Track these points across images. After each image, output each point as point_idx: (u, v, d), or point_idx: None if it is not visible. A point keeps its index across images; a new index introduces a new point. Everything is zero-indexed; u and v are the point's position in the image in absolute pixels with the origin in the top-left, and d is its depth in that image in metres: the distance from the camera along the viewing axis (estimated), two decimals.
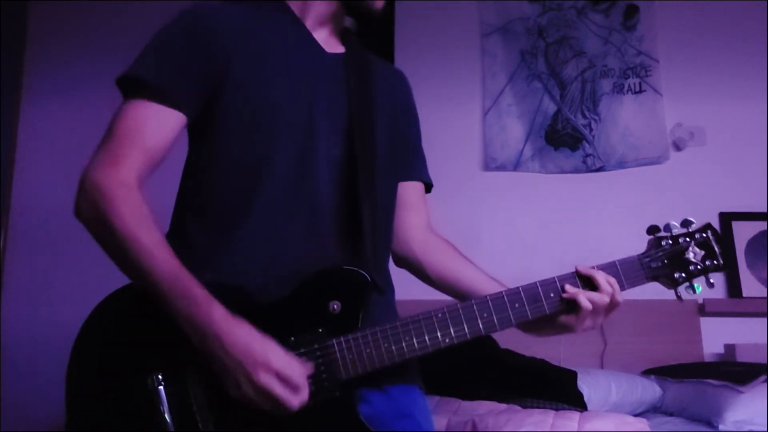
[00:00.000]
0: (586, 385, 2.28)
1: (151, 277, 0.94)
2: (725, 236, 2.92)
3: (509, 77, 3.18)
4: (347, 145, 1.09)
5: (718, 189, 2.95)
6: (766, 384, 2.19)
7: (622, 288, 1.08)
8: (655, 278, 1.11)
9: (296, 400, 0.91)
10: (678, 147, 3.04)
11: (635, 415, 2.10)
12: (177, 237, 1.07)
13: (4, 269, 3.07)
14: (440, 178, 1.34)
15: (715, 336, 2.78)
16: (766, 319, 2.67)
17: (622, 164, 3.05)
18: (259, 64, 1.07)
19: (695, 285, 1.11)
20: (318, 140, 1.07)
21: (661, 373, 2.54)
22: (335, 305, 0.98)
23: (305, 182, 1.06)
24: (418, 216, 1.25)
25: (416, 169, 1.27)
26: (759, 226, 2.90)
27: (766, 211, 2.86)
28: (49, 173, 3.11)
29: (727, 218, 2.92)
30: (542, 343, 2.70)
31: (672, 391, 2.42)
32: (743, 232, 2.91)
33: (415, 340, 0.99)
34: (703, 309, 2.78)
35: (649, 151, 3.04)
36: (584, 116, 3.11)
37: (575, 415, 1.90)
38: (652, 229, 1.15)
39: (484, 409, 2.00)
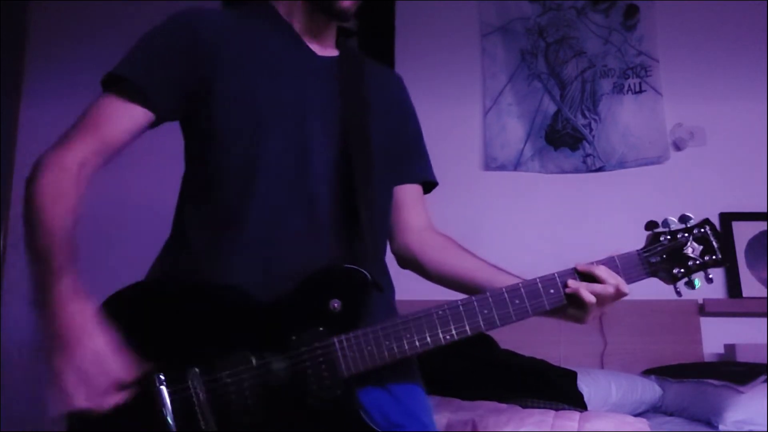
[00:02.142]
0: (586, 385, 2.28)
1: (35, 244, 0.96)
2: (725, 236, 2.92)
3: (509, 77, 3.18)
4: (342, 146, 1.10)
5: (718, 189, 2.95)
6: (766, 384, 2.19)
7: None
8: (654, 273, 1.11)
9: (86, 399, 0.88)
10: (678, 147, 3.04)
11: (635, 415, 2.10)
12: (177, 240, 1.09)
13: (4, 269, 3.07)
14: (440, 178, 1.34)
15: (715, 336, 2.78)
16: (766, 319, 2.67)
17: (622, 164, 3.05)
18: (248, 68, 1.08)
19: (694, 280, 1.12)
20: (312, 141, 1.08)
21: (661, 373, 2.54)
22: (336, 303, 0.98)
23: (301, 182, 1.06)
24: (417, 217, 1.26)
25: (413, 171, 1.28)
26: (759, 226, 2.90)
27: (766, 211, 2.86)
28: None
29: (727, 218, 2.92)
30: (542, 343, 2.72)
31: (672, 391, 2.42)
32: (743, 232, 2.91)
33: (416, 337, 0.99)
34: (703, 309, 2.78)
35: (649, 151, 3.04)
36: (584, 116, 3.11)
37: (575, 415, 1.90)
38: (651, 225, 1.15)
39: (484, 409, 2.00)
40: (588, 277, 1.07)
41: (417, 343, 0.99)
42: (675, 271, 1.11)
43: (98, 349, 0.90)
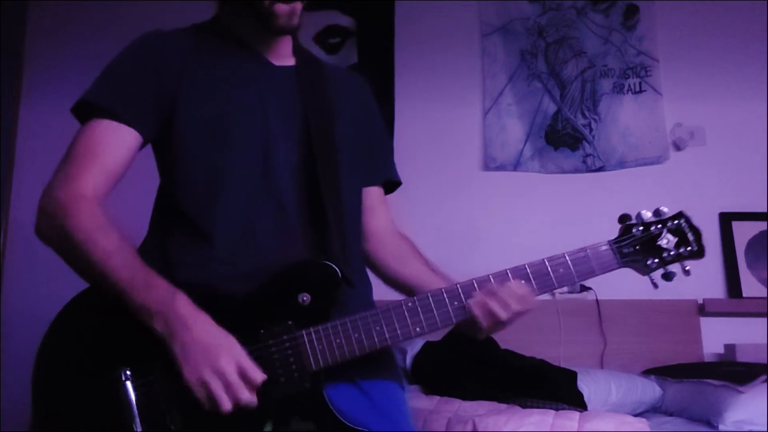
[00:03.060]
0: (586, 385, 2.28)
1: (110, 278, 0.97)
2: (725, 236, 2.92)
3: (509, 77, 3.17)
4: (306, 150, 1.12)
5: (718, 189, 2.95)
6: (766, 384, 2.19)
7: (593, 274, 1.10)
8: (626, 264, 1.11)
9: (247, 394, 0.92)
10: (678, 147, 3.04)
11: (635, 415, 2.10)
12: (152, 245, 1.11)
13: (4, 269, 3.06)
14: (440, 178, 1.35)
15: (715, 336, 2.78)
16: (766, 319, 2.68)
17: (622, 164, 3.05)
18: (209, 83, 1.12)
19: (670, 272, 1.11)
20: (276, 147, 1.11)
21: (661, 373, 2.54)
22: (304, 297, 1.00)
23: (267, 186, 1.09)
24: (375, 221, 1.28)
25: (375, 172, 1.30)
26: (759, 226, 2.90)
27: (766, 211, 2.86)
28: (49, 173, 3.10)
29: (727, 218, 2.92)
30: (542, 343, 2.72)
31: (672, 391, 2.42)
32: (743, 232, 2.91)
33: (385, 329, 1.00)
34: (703, 309, 2.78)
35: (649, 151, 3.04)
36: (584, 116, 3.11)
37: (575, 415, 1.90)
38: (624, 218, 1.15)
39: (484, 409, 2.00)
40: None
41: (386, 335, 1.00)
42: (649, 262, 1.11)
43: (240, 348, 0.94)
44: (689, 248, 1.12)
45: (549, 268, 1.08)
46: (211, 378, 0.91)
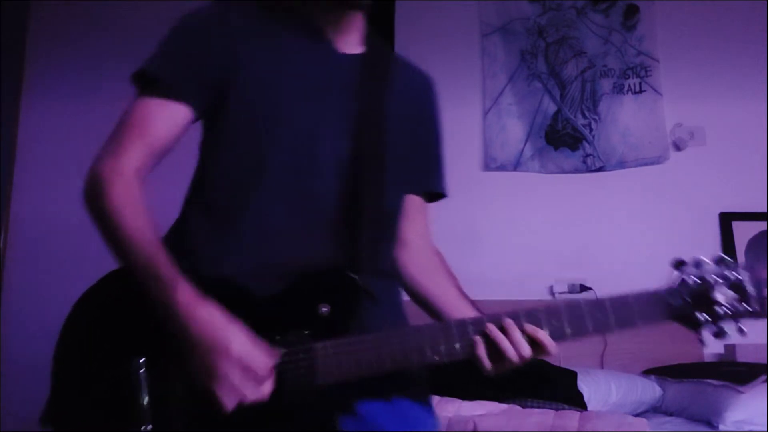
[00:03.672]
0: (586, 385, 2.28)
1: (129, 258, 0.96)
2: (725, 236, 2.92)
3: (509, 77, 3.18)
4: (353, 148, 1.07)
5: (718, 189, 2.95)
6: (766, 384, 2.19)
7: (633, 325, 0.99)
8: (674, 318, 1.00)
9: (254, 391, 0.90)
10: (678, 147, 3.04)
11: (635, 415, 2.10)
12: (179, 231, 1.08)
13: (4, 269, 3.07)
14: None
15: None
16: (766, 319, 2.67)
17: (622, 164, 3.05)
18: (266, 64, 1.07)
19: (724, 329, 1.00)
20: (323, 141, 1.06)
21: (661, 373, 2.54)
22: (325, 308, 0.97)
23: (306, 181, 1.05)
24: (411, 230, 1.22)
25: (421, 180, 1.24)
26: (759, 226, 2.90)
27: (766, 211, 2.87)
28: (49, 173, 3.11)
29: (727, 218, 2.92)
30: None
31: (672, 391, 2.42)
32: (743, 232, 2.91)
33: (399, 353, 0.96)
34: None
35: (649, 151, 3.04)
36: (584, 116, 3.11)
37: (575, 415, 1.90)
38: (678, 264, 1.01)
39: (484, 409, 2.00)
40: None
41: (400, 359, 0.96)
42: (699, 316, 0.99)
43: (243, 343, 0.90)
44: (748, 306, 1.00)
45: (585, 310, 0.98)
46: (215, 385, 0.89)
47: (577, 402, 2.18)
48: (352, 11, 1.12)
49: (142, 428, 0.93)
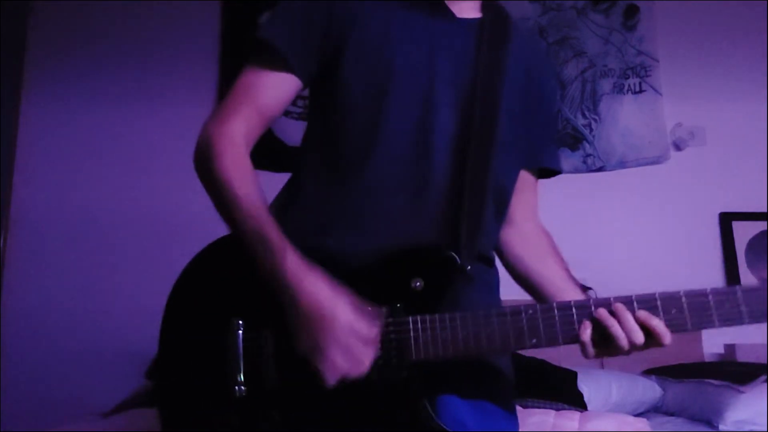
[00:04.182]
0: (586, 385, 2.28)
1: (238, 225, 0.96)
2: (725, 236, 2.92)
3: None
4: (467, 121, 1.04)
5: (718, 189, 2.95)
6: (766, 384, 2.19)
7: (739, 321, 0.89)
8: None
9: (355, 368, 0.88)
10: (678, 147, 3.04)
11: (635, 415, 2.10)
12: (290, 191, 1.09)
13: (5, 269, 3.06)
14: None
15: (715, 336, 2.78)
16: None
17: (622, 164, 3.05)
18: (380, 32, 1.06)
19: None
20: (436, 113, 1.03)
21: (661, 373, 2.54)
22: (418, 283, 0.95)
23: (418, 154, 1.02)
24: (520, 208, 1.17)
25: (535, 156, 1.18)
26: (759, 226, 2.90)
27: (766, 211, 2.87)
28: (49, 173, 3.11)
29: (727, 218, 2.92)
30: None
31: (672, 391, 2.42)
32: (743, 232, 2.91)
33: (497, 335, 0.91)
34: None
35: (649, 151, 3.04)
36: (584, 116, 3.11)
37: (575, 415, 1.90)
38: None
39: None
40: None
41: (497, 342, 0.92)
42: None
43: (349, 317, 0.89)
44: None
45: (711, 299, 0.89)
46: (320, 353, 0.88)
47: (577, 402, 2.18)
48: None
49: (237, 389, 0.94)
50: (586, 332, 0.91)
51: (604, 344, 0.91)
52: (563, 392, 2.20)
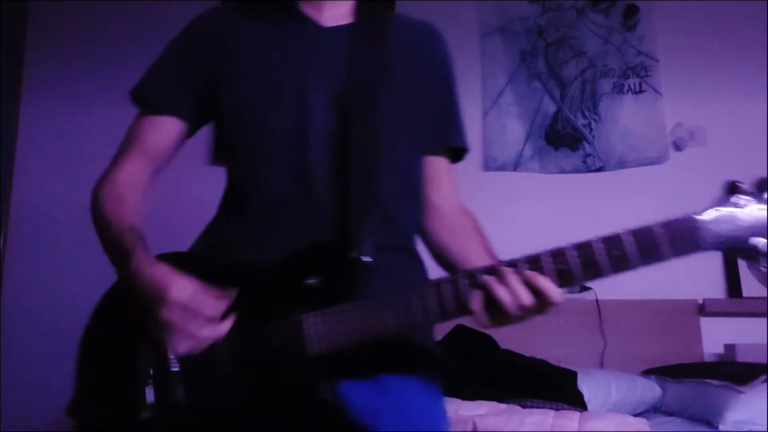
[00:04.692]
0: (586, 385, 2.28)
1: (105, 244, 1.04)
2: None
3: (509, 77, 3.18)
4: (344, 120, 1.07)
5: (718, 189, 2.95)
6: (766, 384, 2.19)
7: (662, 257, 0.89)
8: (721, 248, 0.90)
9: (203, 330, 0.92)
10: (678, 147, 3.04)
11: (635, 415, 2.10)
12: (213, 226, 1.15)
13: (4, 269, 3.07)
14: None
15: (715, 336, 2.78)
16: (766, 319, 2.68)
17: (622, 164, 3.05)
18: (251, 55, 1.12)
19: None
20: (312, 116, 1.07)
21: (661, 373, 2.54)
22: (313, 280, 0.96)
23: (299, 160, 1.06)
24: (436, 191, 1.18)
25: (438, 138, 1.19)
26: None
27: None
28: (49, 173, 3.11)
29: None
30: (542, 343, 2.72)
31: (672, 391, 2.42)
32: None
33: (389, 317, 0.92)
34: (703, 309, 2.78)
35: (649, 151, 3.04)
36: (584, 116, 3.11)
37: (575, 415, 1.90)
38: (733, 188, 0.93)
39: (484, 409, 2.00)
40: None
41: (393, 323, 0.92)
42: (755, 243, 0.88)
43: (182, 297, 0.92)
44: None
45: (596, 247, 0.90)
46: (162, 326, 0.92)
47: (577, 402, 2.18)
48: None
49: (143, 414, 0.96)
50: (476, 300, 0.90)
51: (496, 311, 0.89)
52: (563, 392, 2.20)
